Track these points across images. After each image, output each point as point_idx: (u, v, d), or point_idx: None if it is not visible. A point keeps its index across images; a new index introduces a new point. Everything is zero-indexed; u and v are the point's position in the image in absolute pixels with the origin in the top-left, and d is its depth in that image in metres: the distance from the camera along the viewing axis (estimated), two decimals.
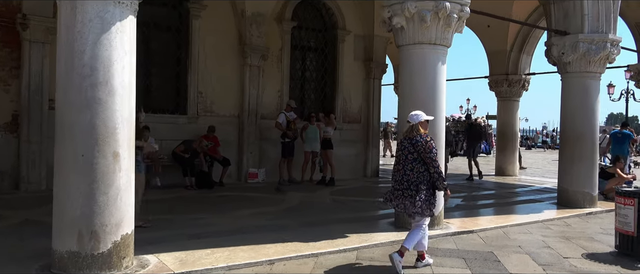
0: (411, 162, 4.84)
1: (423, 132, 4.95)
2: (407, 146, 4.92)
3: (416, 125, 4.97)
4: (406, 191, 4.82)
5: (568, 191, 9.05)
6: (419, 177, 4.79)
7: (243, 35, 10.82)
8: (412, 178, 4.80)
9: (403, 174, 4.87)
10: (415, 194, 4.76)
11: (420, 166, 4.82)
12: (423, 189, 4.76)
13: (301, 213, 7.71)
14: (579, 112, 8.97)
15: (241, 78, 10.94)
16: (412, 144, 4.88)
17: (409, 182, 4.82)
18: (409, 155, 4.87)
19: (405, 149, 4.92)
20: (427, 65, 6.57)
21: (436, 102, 6.58)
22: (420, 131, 4.94)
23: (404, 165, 4.88)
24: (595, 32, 8.72)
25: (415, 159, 4.83)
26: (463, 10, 6.51)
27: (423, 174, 4.80)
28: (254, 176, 10.92)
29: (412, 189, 4.79)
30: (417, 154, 4.83)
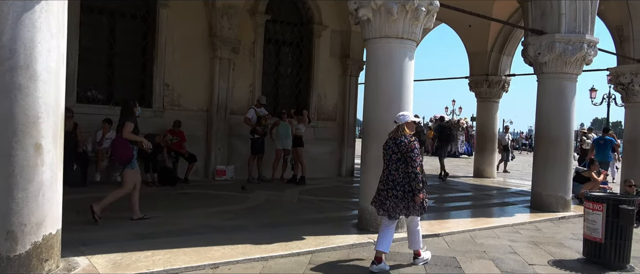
0: (395, 162, 4.84)
1: (408, 133, 4.94)
2: (391, 146, 4.91)
3: (402, 125, 4.95)
4: (391, 191, 4.82)
5: (541, 194, 8.83)
6: (404, 178, 4.79)
7: (213, 27, 10.42)
8: (398, 178, 4.81)
9: (388, 174, 4.88)
10: (402, 194, 4.77)
11: (405, 166, 4.81)
12: (409, 188, 4.78)
13: (263, 213, 7.37)
14: (554, 114, 8.75)
15: (211, 71, 10.55)
16: (396, 144, 4.87)
17: (394, 183, 4.82)
18: (393, 155, 4.87)
19: (390, 149, 4.92)
20: (394, 60, 6.26)
21: (403, 99, 6.28)
22: (406, 132, 4.92)
23: (389, 165, 4.89)
24: (572, 32, 8.50)
25: (400, 159, 4.83)
26: (432, 4, 6.21)
27: (408, 174, 4.80)
28: (222, 173, 10.54)
29: (398, 189, 4.79)
30: (400, 155, 4.82)
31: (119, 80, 9.98)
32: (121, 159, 6.14)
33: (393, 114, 6.18)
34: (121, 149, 6.05)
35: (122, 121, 6.17)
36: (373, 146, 6.33)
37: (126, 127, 6.05)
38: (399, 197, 4.79)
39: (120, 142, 6.08)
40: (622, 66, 11.49)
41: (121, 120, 6.19)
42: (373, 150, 6.33)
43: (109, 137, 9.31)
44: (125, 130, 6.04)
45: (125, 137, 6.03)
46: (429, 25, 6.48)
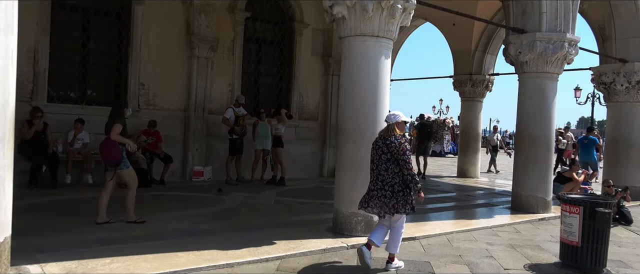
0: (385, 162, 4.83)
1: (399, 133, 4.91)
2: (381, 146, 4.90)
3: (392, 125, 4.92)
4: (381, 191, 4.83)
5: (522, 195, 8.74)
6: (394, 178, 4.79)
7: (191, 25, 10.19)
8: (387, 178, 4.81)
9: (377, 174, 4.88)
10: (390, 194, 4.78)
11: (394, 166, 4.80)
12: (398, 188, 4.77)
13: (237, 216, 7.17)
14: (535, 113, 8.66)
15: (188, 70, 10.32)
16: (386, 144, 4.85)
17: (383, 183, 4.82)
18: (382, 155, 4.86)
19: (379, 149, 4.90)
20: (369, 58, 6.09)
21: (378, 99, 6.11)
22: (396, 132, 4.89)
23: (378, 165, 4.87)
24: (553, 31, 8.40)
25: (389, 159, 4.82)
26: (408, 2, 6.05)
27: (397, 174, 4.80)
28: (200, 174, 10.32)
29: (387, 189, 4.79)
30: (390, 155, 4.81)
31: (93, 79, 9.71)
32: (109, 161, 6.05)
33: (368, 113, 6.08)
34: (109, 151, 5.98)
35: (111, 122, 6.09)
36: (348, 147, 6.17)
37: (114, 128, 5.97)
38: (388, 197, 4.79)
39: (108, 144, 6.00)
40: (604, 65, 11.45)
41: (110, 121, 6.11)
42: (348, 151, 6.17)
43: (81, 138, 9.07)
44: (113, 131, 5.96)
45: (113, 138, 5.96)
46: (406, 23, 6.32)
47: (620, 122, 11.29)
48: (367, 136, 6.03)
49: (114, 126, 5.98)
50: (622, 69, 11.00)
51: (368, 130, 6.05)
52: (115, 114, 6.14)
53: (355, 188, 6.05)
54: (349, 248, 5.60)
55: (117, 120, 6.05)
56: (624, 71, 10.98)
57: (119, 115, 6.13)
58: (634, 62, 10.86)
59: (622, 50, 11.09)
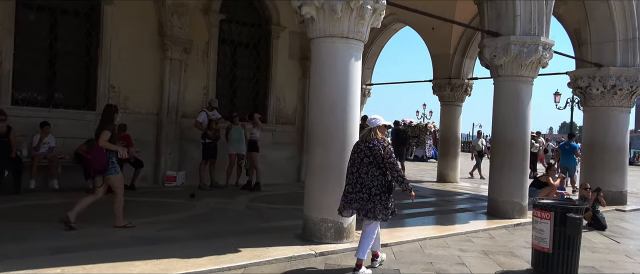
0: (366, 165, 4.83)
1: (380, 136, 4.94)
2: (363, 149, 4.90)
3: (374, 129, 4.95)
4: (358, 194, 4.83)
5: (497, 200, 8.66)
6: (373, 181, 4.79)
7: (163, 26, 9.96)
8: (366, 181, 4.80)
9: (358, 177, 4.86)
10: (367, 197, 4.78)
11: (376, 169, 4.81)
12: (377, 193, 4.78)
13: (205, 222, 6.95)
14: (510, 117, 8.60)
15: (161, 72, 10.08)
16: (368, 147, 4.86)
17: (362, 186, 4.82)
18: (364, 158, 4.86)
19: (361, 152, 4.90)
20: (339, 60, 5.94)
21: (348, 102, 5.97)
22: (379, 135, 4.93)
23: (359, 168, 4.87)
24: (528, 34, 8.36)
25: (371, 162, 4.82)
26: (378, 2, 5.92)
27: (377, 178, 4.80)
28: (172, 179, 10.06)
29: (365, 192, 4.80)
30: (373, 158, 4.81)
31: (61, 81, 9.42)
32: (95, 167, 6.03)
33: (338, 116, 5.93)
34: (95, 157, 5.98)
35: (100, 128, 6.09)
36: (317, 151, 6.01)
37: (103, 135, 5.97)
38: (365, 200, 4.79)
39: (97, 151, 5.99)
40: (580, 70, 11.48)
41: (99, 127, 6.12)
42: (317, 155, 6.01)
43: (47, 142, 8.77)
44: (101, 138, 5.96)
45: (101, 145, 5.95)
46: (376, 25, 6.19)
47: (596, 127, 11.32)
48: (337, 139, 5.91)
49: (103, 133, 5.96)
50: (598, 73, 11.04)
51: (338, 133, 5.91)
52: (105, 120, 6.13)
53: (325, 193, 5.92)
54: (317, 256, 5.44)
55: (107, 126, 6.05)
56: (599, 75, 11.02)
57: (108, 121, 6.13)
58: (609, 67, 10.90)
59: (597, 55, 11.14)
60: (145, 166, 9.82)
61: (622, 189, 11.29)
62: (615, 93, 11.01)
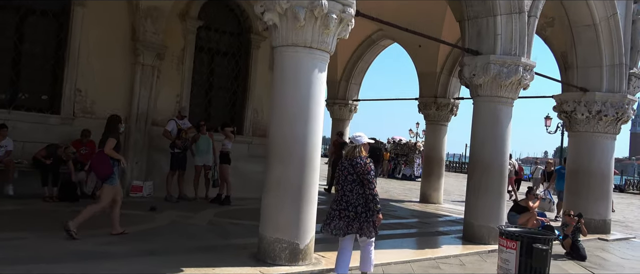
0: (350, 183, 4.88)
1: (364, 154, 5.00)
2: (347, 167, 4.96)
3: (359, 147, 5.00)
4: (343, 212, 4.86)
5: (473, 225, 8.30)
6: (358, 199, 4.83)
7: (136, 30, 9.64)
8: (351, 199, 4.85)
9: (342, 194, 4.91)
10: (353, 215, 4.81)
11: (360, 187, 4.85)
12: (361, 210, 4.82)
13: (157, 237, 6.55)
14: (488, 139, 8.29)
15: (131, 78, 9.72)
16: (352, 165, 4.92)
17: (347, 203, 4.86)
18: (348, 176, 4.91)
19: (345, 170, 4.96)
20: (302, 71, 5.62)
21: (310, 115, 5.62)
22: (362, 153, 4.98)
23: (343, 185, 4.92)
24: (508, 54, 8.09)
25: (355, 180, 4.86)
26: (345, 12, 5.62)
27: (362, 195, 4.85)
28: (138, 189, 9.65)
29: (351, 210, 4.83)
30: (356, 176, 4.86)
31: (25, 82, 9.06)
32: (101, 175, 6.13)
33: (298, 130, 5.58)
34: (101, 165, 6.05)
35: (105, 136, 6.19)
36: (275, 166, 5.66)
37: (108, 143, 6.06)
38: (351, 218, 4.82)
39: (101, 158, 6.07)
40: (566, 94, 11.23)
41: (104, 135, 6.21)
42: (275, 170, 5.65)
43: (4, 145, 8.38)
44: (107, 145, 6.05)
45: (107, 152, 6.04)
46: (344, 36, 5.89)
47: (581, 152, 11.02)
48: (296, 154, 5.56)
49: (108, 141, 6.06)
50: (583, 98, 10.78)
51: (297, 148, 5.56)
52: (110, 129, 6.23)
53: (281, 211, 5.57)
54: None
55: (112, 134, 6.15)
56: (584, 100, 10.76)
57: (113, 129, 6.23)
58: (595, 92, 10.65)
59: (584, 79, 10.89)
60: None
61: (605, 217, 10.96)
62: (601, 119, 10.74)
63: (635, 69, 11.06)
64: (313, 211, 5.71)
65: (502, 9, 8.01)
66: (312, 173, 5.64)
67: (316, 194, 5.76)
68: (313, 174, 5.65)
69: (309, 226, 5.63)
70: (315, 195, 5.75)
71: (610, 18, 10.39)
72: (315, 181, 5.74)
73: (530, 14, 8.26)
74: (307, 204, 5.60)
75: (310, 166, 5.61)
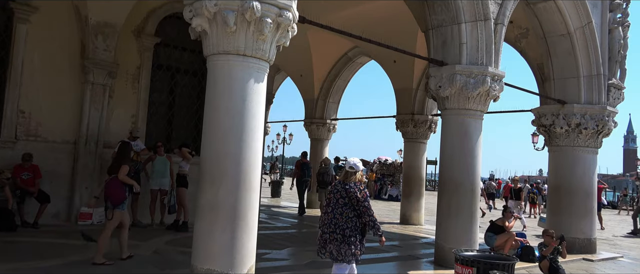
0: (341, 207, 4.93)
1: (358, 179, 5.04)
2: (340, 190, 5.01)
3: (356, 173, 5.04)
4: (332, 235, 4.90)
5: (444, 248, 7.68)
6: (347, 223, 4.88)
7: (86, 47, 9.10)
8: (341, 223, 4.89)
9: (332, 217, 4.94)
10: (341, 238, 4.85)
11: (350, 211, 4.91)
12: (350, 233, 4.85)
13: (82, 270, 5.87)
14: (457, 155, 7.75)
15: (80, 98, 9.13)
16: (345, 189, 4.97)
17: (336, 226, 4.90)
18: (340, 199, 4.96)
19: (338, 193, 5.01)
20: (235, 81, 5.06)
21: (246, 130, 5.04)
22: (356, 178, 5.03)
23: (334, 209, 4.96)
24: (475, 64, 7.61)
25: (346, 204, 4.92)
26: (282, 16, 5.10)
27: (352, 219, 4.89)
28: (87, 216, 8.98)
29: (338, 233, 4.87)
30: (348, 200, 4.91)
31: None
32: (115, 201, 6.27)
33: (231, 148, 5.00)
34: (116, 191, 6.25)
35: (118, 162, 6.45)
36: (206, 187, 5.04)
37: (122, 169, 6.30)
38: (338, 241, 4.86)
39: (115, 184, 6.27)
40: (544, 107, 10.76)
41: (117, 161, 6.50)
42: (206, 192, 5.03)
43: None
44: (121, 172, 6.28)
45: (121, 179, 6.27)
46: (284, 43, 5.36)
47: (562, 168, 10.50)
48: (229, 174, 4.96)
49: (122, 167, 6.30)
50: (561, 110, 10.31)
51: (230, 167, 4.96)
52: (123, 155, 6.59)
53: (213, 239, 4.94)
54: None
55: (125, 161, 6.43)
56: (563, 112, 10.29)
57: (126, 156, 6.60)
58: (573, 104, 10.19)
59: (561, 91, 10.45)
60: (59, 201, 8.81)
61: (590, 236, 10.38)
62: (580, 132, 10.25)
63: (614, 80, 10.63)
64: (251, 237, 5.08)
65: (466, 15, 7.56)
66: (249, 194, 5.03)
67: (255, 217, 5.15)
68: (250, 195, 5.04)
69: (246, 254, 4.99)
70: (254, 219, 5.14)
71: (585, 27, 9.99)
72: (254, 203, 5.12)
73: (497, 22, 7.82)
74: (244, 230, 4.98)
75: (247, 186, 5.01)
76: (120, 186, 6.25)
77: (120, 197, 6.25)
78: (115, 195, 6.24)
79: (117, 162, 6.45)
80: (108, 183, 6.34)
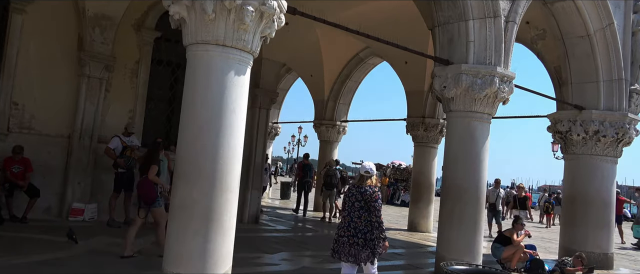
0: (358, 210, 4.99)
1: (373, 183, 5.14)
2: (355, 194, 5.10)
3: (370, 177, 5.13)
4: (352, 238, 4.94)
5: (446, 258, 7.18)
6: (366, 226, 4.94)
7: (83, 40, 8.90)
8: (360, 226, 4.95)
9: (350, 221, 5.01)
10: (363, 242, 4.91)
11: (367, 214, 4.97)
12: (370, 237, 4.92)
13: (54, 270, 5.60)
14: (462, 160, 7.27)
15: (76, 91, 8.94)
16: (360, 192, 5.05)
17: (356, 230, 4.95)
18: (356, 203, 5.03)
19: (353, 197, 5.10)
20: (213, 72, 4.73)
21: (223, 126, 4.69)
22: (371, 182, 5.11)
23: (350, 212, 5.03)
24: (482, 63, 7.13)
25: (362, 207, 4.98)
26: (265, 4, 4.73)
27: (370, 222, 4.95)
28: (79, 212, 8.75)
29: (360, 236, 4.92)
30: (364, 203, 4.98)
31: None
32: (148, 200, 6.53)
33: (207, 143, 4.66)
34: (148, 191, 6.53)
35: (147, 163, 6.72)
36: (179, 185, 4.73)
37: (152, 170, 6.56)
38: (360, 245, 4.92)
39: (146, 184, 6.56)
40: (560, 112, 10.18)
41: (147, 162, 6.75)
42: (179, 190, 4.71)
43: None
44: (151, 172, 6.55)
45: (152, 179, 6.55)
46: (269, 34, 5.00)
47: (578, 177, 9.89)
48: (205, 172, 4.62)
49: (152, 167, 6.56)
50: (579, 116, 9.71)
51: (206, 164, 4.63)
52: (153, 156, 6.80)
53: (185, 242, 4.60)
54: None
55: (154, 161, 6.68)
56: (580, 119, 9.69)
57: (156, 157, 6.79)
58: (591, 110, 9.59)
59: (579, 96, 9.85)
60: (50, 195, 8.62)
61: (607, 250, 9.75)
62: (599, 140, 9.63)
63: (637, 85, 9.98)
64: (228, 241, 4.74)
65: (474, 12, 7.09)
66: (226, 194, 4.68)
67: (232, 219, 4.79)
68: (227, 196, 4.70)
69: (219, 259, 4.65)
70: (231, 221, 4.78)
71: (606, 29, 9.39)
72: (231, 204, 4.77)
73: (508, 19, 7.32)
74: (218, 232, 4.64)
75: (223, 186, 4.66)
76: (152, 186, 6.52)
77: (152, 197, 6.51)
78: (147, 195, 6.50)
79: (146, 163, 6.72)
80: (140, 184, 6.66)
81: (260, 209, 12.69)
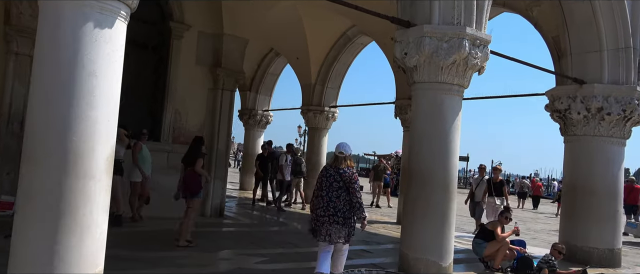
0: (336, 190, 5.11)
1: (351, 165, 5.33)
2: (333, 174, 5.21)
3: (348, 157, 5.29)
4: (332, 217, 5.06)
5: (408, 257, 6.11)
6: (345, 205, 5.09)
7: (10, 13, 7.96)
8: (339, 205, 5.08)
9: (328, 201, 5.10)
10: (342, 221, 5.06)
11: (345, 194, 5.11)
12: (348, 215, 5.10)
13: None
14: (427, 140, 6.14)
15: (2, 70, 8.02)
16: (338, 173, 5.18)
17: (335, 209, 5.07)
18: (334, 183, 5.15)
19: (331, 177, 5.20)
20: (62, 24, 3.65)
21: (76, 93, 3.64)
22: (348, 164, 5.27)
23: (328, 192, 5.12)
24: (449, 23, 5.94)
25: (341, 187, 5.10)
26: None
27: (347, 201, 5.11)
28: (8, 206, 7.82)
29: (340, 216, 5.05)
30: (343, 183, 5.11)
31: None
32: (193, 191, 6.94)
33: (59, 114, 3.62)
34: (194, 182, 6.94)
35: (193, 156, 7.09)
36: (26, 171, 3.70)
37: (198, 162, 6.98)
38: (340, 224, 5.04)
39: (192, 176, 6.96)
40: (559, 88, 8.93)
41: (193, 155, 7.12)
42: (26, 177, 3.69)
43: None
44: (197, 165, 6.97)
45: (197, 171, 6.97)
46: None
47: (579, 162, 8.64)
48: (57, 151, 3.62)
49: (198, 160, 6.99)
50: (579, 92, 8.44)
51: (55, 141, 3.61)
52: (197, 149, 7.21)
53: (28, 239, 3.61)
54: None
55: (199, 154, 7.12)
56: (581, 94, 8.42)
57: (200, 150, 7.23)
58: (594, 84, 8.31)
59: (580, 68, 8.58)
60: None
61: (613, 246, 8.49)
62: (603, 118, 8.35)
63: None
64: (85, 239, 3.69)
65: None
66: (81, 181, 3.64)
67: (96, 214, 3.75)
68: (84, 183, 3.65)
69: (74, 263, 3.62)
70: (95, 215, 3.75)
71: None
72: (91, 193, 3.72)
73: None
74: (73, 231, 3.61)
75: (78, 170, 3.62)
76: (197, 178, 6.94)
77: (198, 187, 6.94)
78: (193, 186, 6.89)
79: (192, 156, 7.07)
80: (187, 175, 7.00)
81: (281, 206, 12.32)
